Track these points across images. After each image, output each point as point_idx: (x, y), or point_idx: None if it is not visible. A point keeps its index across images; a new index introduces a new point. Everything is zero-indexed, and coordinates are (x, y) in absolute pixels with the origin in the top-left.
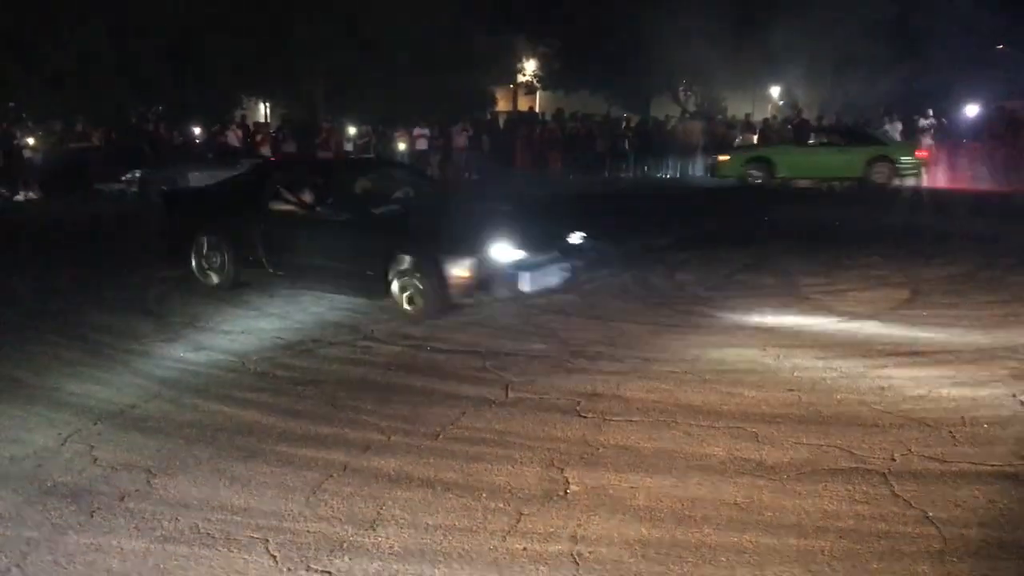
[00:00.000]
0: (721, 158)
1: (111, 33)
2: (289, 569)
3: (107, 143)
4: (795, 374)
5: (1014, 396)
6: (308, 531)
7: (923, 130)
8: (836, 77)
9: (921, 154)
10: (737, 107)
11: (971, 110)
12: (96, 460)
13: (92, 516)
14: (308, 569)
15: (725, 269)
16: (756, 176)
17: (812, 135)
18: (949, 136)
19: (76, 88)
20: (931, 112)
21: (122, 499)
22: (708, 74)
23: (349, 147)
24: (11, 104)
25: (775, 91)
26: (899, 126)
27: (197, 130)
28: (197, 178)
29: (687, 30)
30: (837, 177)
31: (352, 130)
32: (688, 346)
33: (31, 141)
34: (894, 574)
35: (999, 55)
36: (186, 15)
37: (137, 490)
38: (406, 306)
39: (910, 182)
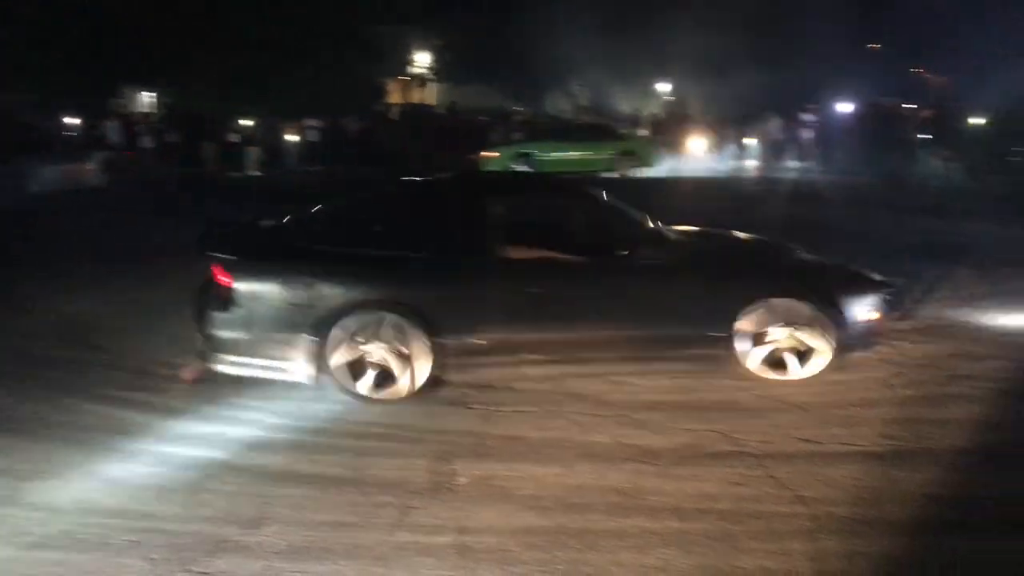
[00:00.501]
0: (489, 155)
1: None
2: (167, 572)
3: None
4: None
5: (884, 380)
6: (187, 532)
7: (804, 124)
8: (720, 74)
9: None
10: (627, 103)
11: (845, 107)
12: None
13: None
14: (187, 571)
15: None
16: None
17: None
18: (827, 129)
19: None
20: (811, 107)
21: None
22: (599, 70)
23: (235, 138)
24: None
25: (663, 87)
26: (779, 121)
27: (76, 121)
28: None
29: (578, 25)
30: (591, 169)
31: (242, 121)
32: None
33: None
34: (768, 552)
35: (872, 54)
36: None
37: (5, 496)
38: (771, 374)
39: (647, 172)
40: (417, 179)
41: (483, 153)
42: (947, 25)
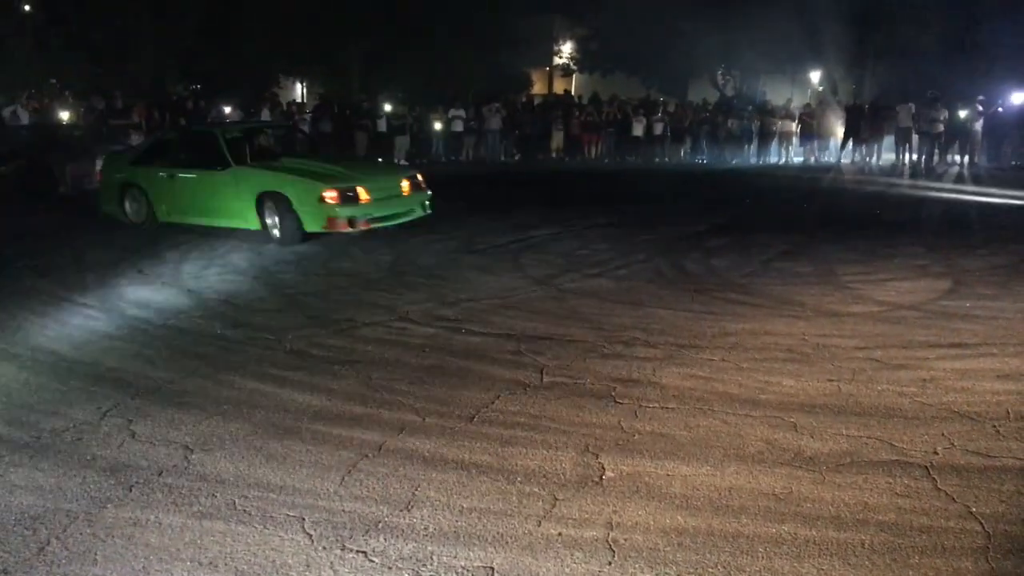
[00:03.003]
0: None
1: (150, 8)
2: (325, 548)
3: (147, 120)
4: (834, 363)
5: None
6: (343, 510)
7: (973, 116)
8: (877, 61)
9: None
10: (776, 92)
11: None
12: (135, 435)
13: (131, 490)
14: (344, 548)
15: (762, 256)
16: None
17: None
18: (998, 122)
19: (115, 64)
20: (982, 98)
21: (160, 474)
22: (747, 58)
23: (384, 127)
24: (53, 80)
25: (815, 76)
26: (944, 112)
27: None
28: None
29: (726, 12)
30: None
31: (388, 107)
32: (725, 333)
33: (65, 116)
34: (936, 569)
35: None
36: None
37: (175, 465)
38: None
39: None
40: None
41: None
42: None
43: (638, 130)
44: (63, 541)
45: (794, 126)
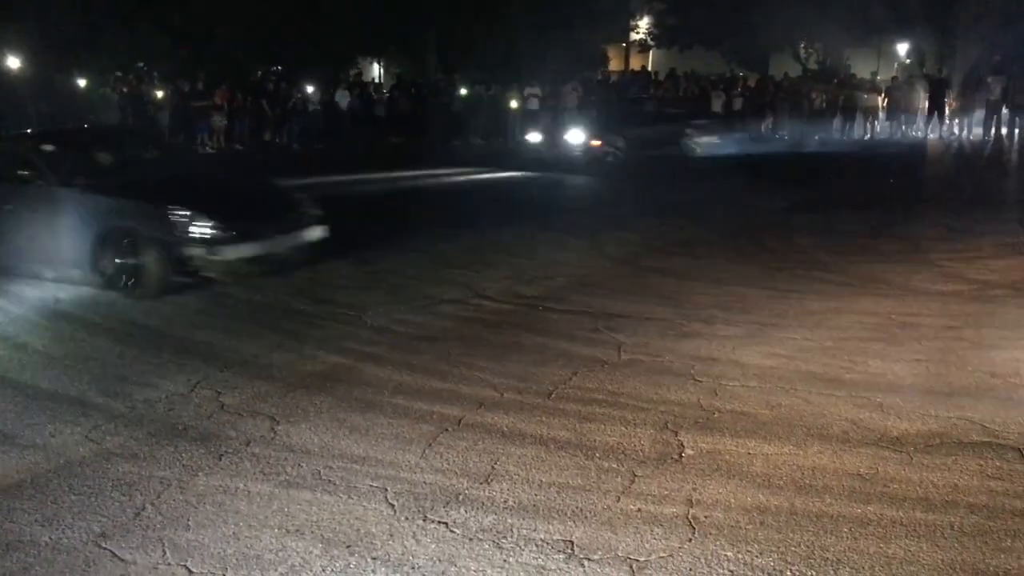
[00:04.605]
0: None
1: None
2: (407, 518)
3: (230, 102)
4: (922, 343)
5: None
6: (424, 482)
7: None
8: (967, 32)
9: None
10: (861, 65)
11: None
12: (223, 406)
13: (220, 459)
14: (425, 519)
15: (846, 233)
16: None
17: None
18: None
19: (200, 46)
20: None
21: (248, 444)
22: (830, 29)
23: (458, 107)
24: (140, 64)
25: (902, 48)
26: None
27: (310, 89)
28: None
29: None
30: None
31: (463, 91)
32: (807, 312)
33: (160, 94)
34: None
35: None
36: None
37: (262, 436)
38: None
39: None
40: None
41: None
42: None
43: (717, 106)
44: (157, 507)
45: (880, 100)
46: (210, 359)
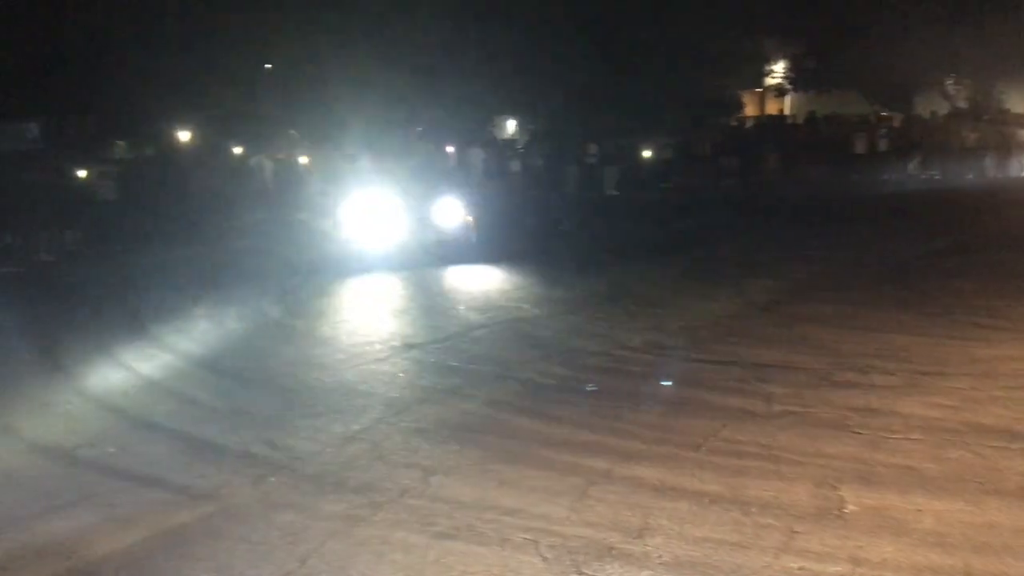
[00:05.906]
0: None
1: (377, 56)
2: (561, 572)
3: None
4: None
5: None
6: (576, 535)
7: None
8: None
9: None
10: (1017, 100)
11: None
12: (380, 457)
13: (378, 510)
14: (579, 573)
15: (1008, 277)
16: None
17: None
18: None
19: (344, 114)
20: None
21: (403, 495)
22: (980, 63)
23: (593, 159)
24: (292, 131)
25: None
26: None
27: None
28: None
29: (954, 14)
30: None
31: (594, 147)
32: (972, 359)
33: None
34: None
35: None
36: (443, 37)
37: (416, 487)
38: None
39: None
40: None
41: None
42: None
43: (859, 147)
44: (321, 555)
45: None
46: (367, 409)
